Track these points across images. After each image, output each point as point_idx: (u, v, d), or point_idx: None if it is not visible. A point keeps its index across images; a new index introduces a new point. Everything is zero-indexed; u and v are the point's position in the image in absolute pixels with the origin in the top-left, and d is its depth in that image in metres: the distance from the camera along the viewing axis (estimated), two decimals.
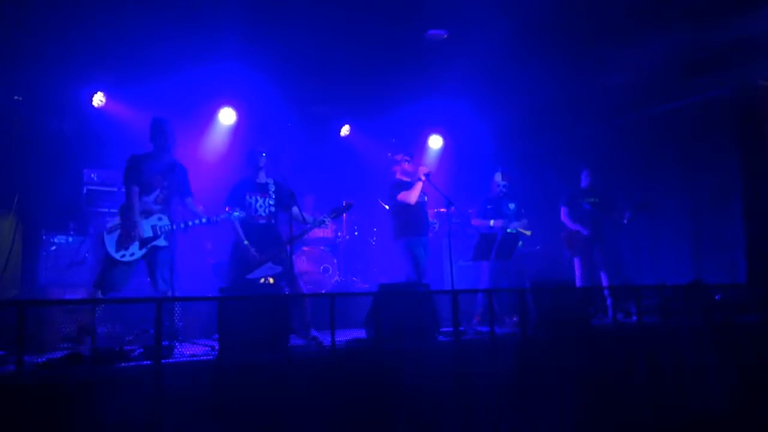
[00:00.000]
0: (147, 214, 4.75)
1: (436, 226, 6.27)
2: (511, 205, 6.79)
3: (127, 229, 4.63)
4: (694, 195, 8.02)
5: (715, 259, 7.61)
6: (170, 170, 4.87)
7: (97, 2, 5.41)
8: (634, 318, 5.55)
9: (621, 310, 5.95)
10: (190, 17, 5.79)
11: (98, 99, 6.78)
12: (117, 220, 4.68)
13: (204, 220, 4.92)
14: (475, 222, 6.77)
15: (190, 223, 4.89)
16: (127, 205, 4.70)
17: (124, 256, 4.61)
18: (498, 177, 6.83)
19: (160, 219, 4.79)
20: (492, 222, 6.59)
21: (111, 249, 4.60)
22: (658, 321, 5.58)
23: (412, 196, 5.84)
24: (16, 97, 6.41)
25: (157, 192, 4.81)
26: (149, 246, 4.71)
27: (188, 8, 5.65)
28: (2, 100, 6.40)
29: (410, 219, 5.91)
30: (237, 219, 5.13)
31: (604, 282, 6.72)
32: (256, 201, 5.28)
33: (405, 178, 6.04)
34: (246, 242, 5.10)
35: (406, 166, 6.08)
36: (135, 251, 4.66)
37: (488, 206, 6.76)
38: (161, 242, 4.75)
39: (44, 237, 5.81)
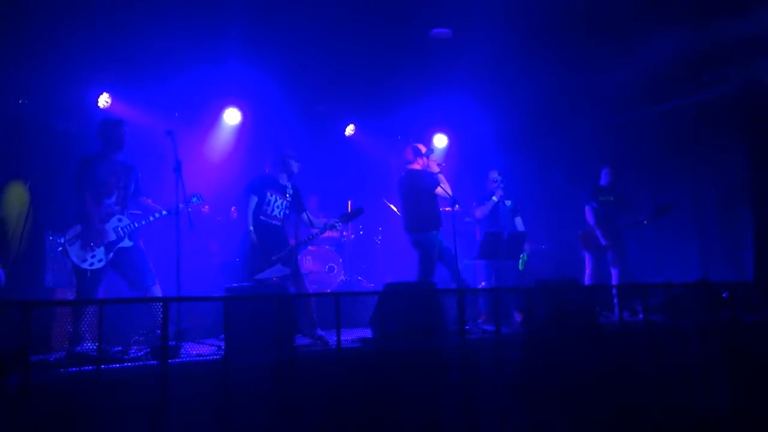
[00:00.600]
0: (108, 216, 4.65)
1: None
2: (508, 202, 6.85)
3: (92, 237, 4.52)
4: (700, 192, 7.99)
5: (722, 256, 7.57)
6: (126, 171, 4.81)
7: (101, 3, 5.43)
8: (641, 316, 5.53)
9: (627, 308, 5.93)
10: (194, 18, 5.80)
11: (104, 100, 6.79)
12: (76, 228, 4.54)
13: (164, 213, 4.77)
14: (478, 212, 6.78)
15: (151, 218, 4.79)
16: (84, 212, 4.57)
17: (92, 264, 4.51)
18: (494, 174, 6.86)
19: (120, 220, 4.71)
20: (495, 197, 6.64)
21: (77, 260, 4.49)
22: (664, 319, 5.56)
23: (448, 189, 5.79)
24: (21, 101, 6.42)
25: (116, 193, 4.73)
26: (115, 249, 4.64)
27: (192, 9, 5.66)
28: (9, 102, 6.43)
29: (425, 213, 5.79)
30: (252, 214, 5.16)
31: (615, 280, 6.72)
32: (275, 200, 5.29)
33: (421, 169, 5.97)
34: (251, 228, 5.13)
35: (425, 160, 5.96)
36: (101, 256, 4.56)
37: (486, 201, 6.80)
38: (126, 243, 4.69)
39: (50, 238, 5.82)
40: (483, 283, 6.69)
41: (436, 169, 5.87)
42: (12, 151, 6.26)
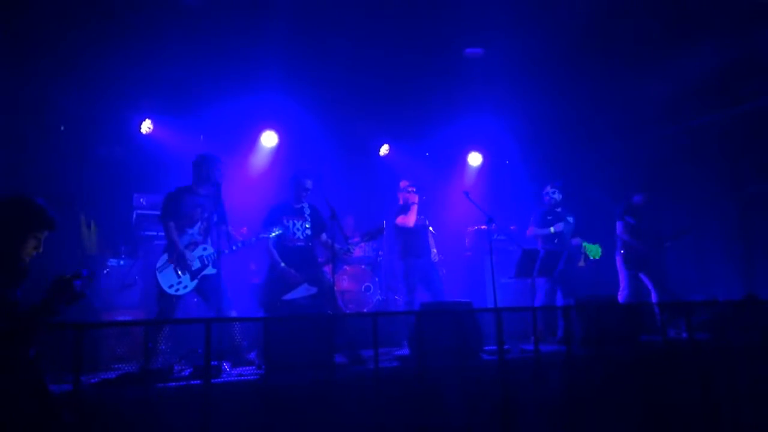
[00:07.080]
0: (193, 245, 4.94)
1: (436, 256, 6.29)
2: (570, 219, 6.78)
3: (176, 262, 4.83)
4: (743, 206, 7.79)
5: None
6: (210, 202, 5.04)
7: (148, 36, 5.67)
8: (684, 335, 5.39)
9: (671, 326, 5.78)
10: (233, 48, 6.00)
11: (146, 126, 7.03)
12: (164, 257, 4.86)
13: (240, 245, 5.12)
14: (530, 231, 6.77)
15: (234, 248, 5.08)
16: (169, 242, 4.89)
17: (178, 290, 4.80)
18: (549, 189, 6.82)
19: (205, 249, 4.97)
20: (552, 229, 6.58)
21: (165, 286, 4.78)
22: (710, 338, 5.40)
23: (410, 219, 6.02)
24: (62, 127, 6.68)
25: (199, 224, 5.00)
26: (200, 276, 4.89)
27: (232, 41, 5.87)
28: (56, 127, 6.69)
29: (408, 242, 6.06)
30: (273, 240, 5.29)
31: (654, 299, 6.58)
32: (294, 224, 5.41)
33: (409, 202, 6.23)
34: (283, 264, 5.22)
35: (408, 194, 6.20)
36: (187, 283, 4.85)
37: (548, 217, 6.74)
38: (210, 270, 4.94)
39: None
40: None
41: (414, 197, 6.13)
42: (59, 173, 6.50)
